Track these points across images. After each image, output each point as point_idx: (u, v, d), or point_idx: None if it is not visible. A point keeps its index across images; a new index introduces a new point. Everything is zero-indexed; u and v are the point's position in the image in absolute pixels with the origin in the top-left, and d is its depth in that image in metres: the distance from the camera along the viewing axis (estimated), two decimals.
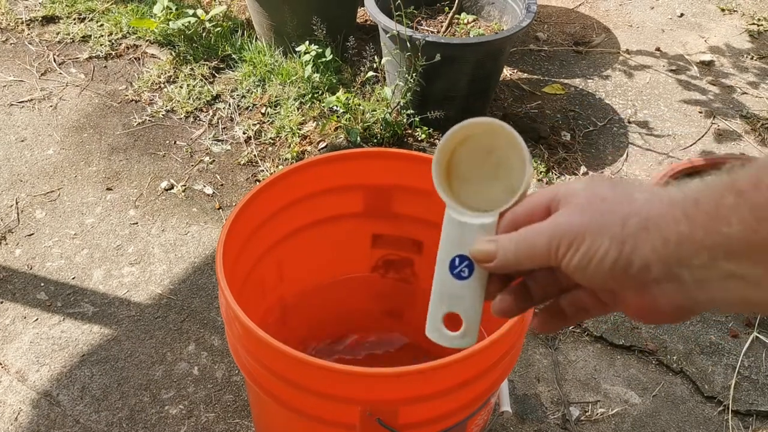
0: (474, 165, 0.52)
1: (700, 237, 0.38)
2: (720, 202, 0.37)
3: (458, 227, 0.51)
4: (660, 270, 0.40)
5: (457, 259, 0.51)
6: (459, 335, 0.53)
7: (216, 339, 1.49)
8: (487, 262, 0.49)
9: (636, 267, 0.41)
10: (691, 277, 0.39)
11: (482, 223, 0.50)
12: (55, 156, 1.93)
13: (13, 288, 1.58)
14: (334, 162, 1.06)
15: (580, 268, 0.43)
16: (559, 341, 1.51)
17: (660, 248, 0.40)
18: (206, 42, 2.26)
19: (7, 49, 2.30)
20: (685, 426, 1.37)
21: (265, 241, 1.07)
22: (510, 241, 0.47)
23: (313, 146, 1.95)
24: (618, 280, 0.42)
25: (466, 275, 0.51)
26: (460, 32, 2.05)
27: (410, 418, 0.84)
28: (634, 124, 2.13)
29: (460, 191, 0.52)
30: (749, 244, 0.36)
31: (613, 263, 0.41)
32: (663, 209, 0.40)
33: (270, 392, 0.87)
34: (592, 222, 0.42)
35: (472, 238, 0.50)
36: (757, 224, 0.36)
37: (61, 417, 1.35)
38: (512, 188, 0.51)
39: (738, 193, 0.37)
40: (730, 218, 0.37)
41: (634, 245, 0.41)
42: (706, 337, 1.53)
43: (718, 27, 2.59)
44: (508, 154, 0.51)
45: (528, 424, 1.36)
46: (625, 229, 0.41)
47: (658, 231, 0.40)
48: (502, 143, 0.51)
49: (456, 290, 0.51)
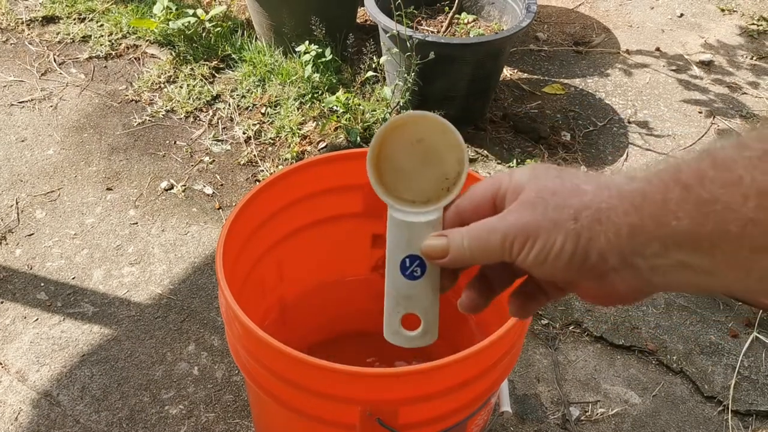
0: (403, 156, 0.51)
1: (650, 228, 0.39)
2: (666, 195, 0.38)
3: (404, 227, 0.50)
4: (616, 259, 0.41)
5: (408, 260, 0.50)
6: (419, 334, 0.53)
7: (216, 339, 1.49)
8: (439, 258, 0.49)
9: (593, 258, 0.41)
10: (646, 264, 0.40)
11: (428, 220, 0.50)
12: (55, 156, 1.93)
13: (14, 288, 1.58)
14: (334, 162, 1.06)
15: (537, 263, 0.43)
16: (559, 341, 1.51)
17: (613, 239, 0.40)
18: (206, 42, 2.26)
19: (8, 50, 2.30)
20: (685, 426, 1.37)
21: (265, 241, 1.07)
22: (462, 237, 0.47)
23: (313, 146, 1.95)
24: (576, 272, 0.43)
25: (419, 275, 0.51)
26: (460, 32, 2.05)
27: (410, 418, 0.84)
28: (634, 124, 2.13)
29: (394, 185, 0.51)
30: (698, 237, 0.37)
31: (570, 257, 0.42)
32: (612, 202, 0.41)
33: (270, 392, 0.87)
34: (544, 218, 0.43)
35: (420, 236, 0.50)
36: (704, 219, 0.37)
37: (61, 417, 1.35)
38: (445, 175, 0.50)
39: (684, 187, 0.38)
40: (678, 212, 0.38)
41: (589, 238, 0.41)
42: (706, 337, 1.53)
43: (717, 27, 2.59)
44: (436, 141, 0.50)
45: (528, 424, 1.36)
46: (579, 222, 0.41)
47: (610, 223, 0.40)
48: (429, 131, 0.50)
49: (411, 291, 0.51)
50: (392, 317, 0.52)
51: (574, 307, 1.57)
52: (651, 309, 1.58)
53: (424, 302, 0.51)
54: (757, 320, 1.55)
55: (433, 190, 0.50)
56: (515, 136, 2.06)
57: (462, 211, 0.49)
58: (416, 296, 0.51)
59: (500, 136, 2.05)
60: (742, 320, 1.56)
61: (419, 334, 0.53)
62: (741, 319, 1.56)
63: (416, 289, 0.51)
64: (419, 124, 0.50)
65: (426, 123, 0.50)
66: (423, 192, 0.50)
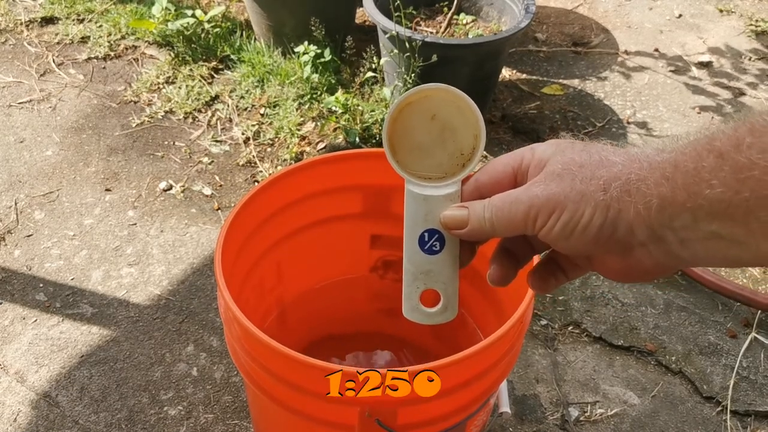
0: (419, 132, 0.50)
1: (681, 199, 0.38)
2: (699, 164, 0.37)
3: (422, 201, 0.49)
4: (644, 233, 0.40)
5: (426, 234, 0.50)
6: (439, 311, 0.52)
7: (215, 340, 1.49)
8: (459, 228, 0.48)
9: (621, 231, 0.41)
10: (675, 237, 0.39)
11: (447, 193, 0.49)
12: (54, 157, 1.93)
13: (12, 289, 1.58)
14: (333, 163, 1.06)
15: (562, 236, 0.42)
16: (558, 342, 1.51)
17: (643, 211, 0.40)
18: (205, 43, 2.26)
19: (6, 50, 2.30)
20: (684, 426, 1.37)
21: (264, 242, 1.07)
22: (483, 208, 0.46)
23: (312, 147, 1.95)
24: (602, 246, 0.42)
25: (438, 249, 0.50)
26: (459, 33, 2.05)
27: (409, 418, 0.84)
28: (633, 124, 2.13)
29: (409, 161, 0.51)
30: (731, 205, 0.36)
31: (598, 230, 0.41)
32: (642, 173, 0.40)
33: (269, 393, 0.86)
34: (572, 190, 0.42)
35: (439, 210, 0.49)
36: (740, 185, 0.36)
37: (60, 418, 1.35)
38: (460, 150, 0.49)
39: (719, 155, 0.37)
40: (711, 180, 0.37)
41: (618, 209, 0.40)
42: (705, 338, 1.53)
43: (716, 28, 2.59)
44: (451, 115, 0.49)
45: (527, 424, 1.36)
46: (608, 193, 0.41)
47: (640, 194, 0.40)
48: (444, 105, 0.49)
49: (429, 266, 0.50)
50: (411, 294, 0.51)
51: (573, 307, 1.57)
52: (650, 309, 1.58)
53: (444, 277, 0.50)
54: (755, 320, 1.55)
55: (449, 166, 0.50)
56: (514, 137, 2.07)
57: (481, 185, 0.48)
58: (435, 271, 0.50)
59: (499, 137, 2.05)
60: (740, 321, 1.56)
61: (439, 310, 0.52)
62: (739, 320, 1.57)
63: (435, 264, 0.50)
64: (433, 98, 0.49)
65: (441, 96, 0.49)
66: (439, 167, 0.50)
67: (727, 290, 1.57)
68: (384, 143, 0.50)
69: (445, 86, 0.49)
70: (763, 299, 1.54)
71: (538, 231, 0.43)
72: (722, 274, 1.64)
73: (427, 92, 0.49)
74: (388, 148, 0.51)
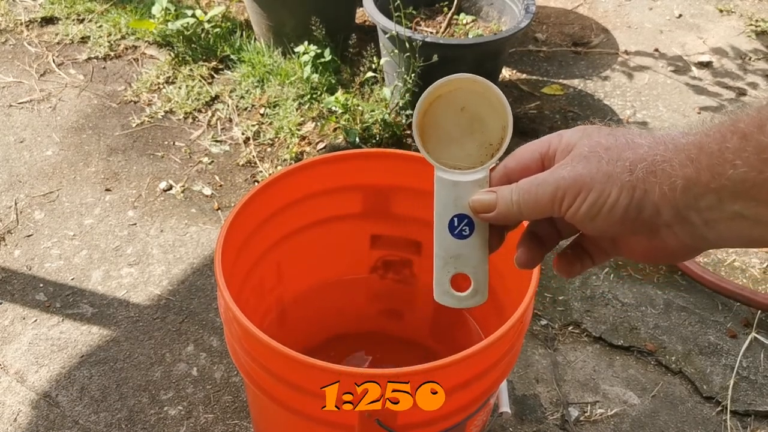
0: (448, 124, 0.52)
1: (706, 180, 0.39)
2: (723, 145, 0.38)
3: (451, 187, 0.51)
4: (669, 213, 0.41)
5: (456, 219, 0.51)
6: (469, 294, 0.53)
7: (215, 340, 1.49)
8: (487, 212, 0.49)
9: (647, 212, 0.41)
10: (700, 218, 0.40)
11: (475, 179, 0.50)
12: (54, 157, 1.93)
13: (12, 289, 1.58)
14: (333, 163, 1.06)
15: (588, 217, 0.43)
16: (558, 342, 1.51)
17: (668, 192, 0.40)
18: (205, 43, 2.26)
19: (6, 50, 2.30)
20: (684, 426, 1.37)
21: (264, 242, 1.07)
22: (511, 191, 0.47)
23: (312, 147, 1.95)
24: (628, 226, 0.42)
25: (468, 233, 0.51)
26: (459, 33, 2.05)
27: (409, 419, 0.84)
28: (633, 124, 2.13)
29: (438, 153, 0.52)
30: (755, 185, 0.37)
31: (624, 210, 0.42)
32: (668, 155, 0.40)
33: (269, 393, 0.87)
34: (599, 171, 0.42)
35: (468, 195, 0.50)
36: (763, 165, 0.36)
37: (60, 418, 1.35)
38: (489, 141, 0.51)
39: (742, 136, 0.37)
40: (735, 160, 0.37)
41: (644, 190, 0.41)
42: (705, 338, 1.53)
43: (716, 28, 2.59)
44: (480, 107, 0.51)
45: (527, 424, 1.36)
46: (634, 174, 0.41)
47: (665, 175, 0.40)
48: (473, 96, 0.50)
49: (460, 250, 0.51)
50: (442, 278, 0.52)
51: (573, 307, 1.57)
52: (650, 309, 1.58)
53: (474, 261, 0.51)
54: (755, 320, 1.55)
55: (478, 156, 0.51)
56: (514, 137, 2.06)
57: (509, 171, 0.49)
58: (465, 255, 0.51)
59: None
60: (740, 321, 1.56)
61: (470, 294, 0.53)
62: (739, 320, 1.57)
63: (465, 248, 0.51)
64: (462, 90, 0.50)
65: (469, 87, 0.50)
66: (468, 157, 0.51)
67: (727, 290, 1.57)
68: (414, 134, 0.52)
69: (473, 77, 0.50)
70: (763, 299, 1.54)
71: (565, 212, 0.44)
72: (722, 274, 1.65)
73: (456, 83, 0.50)
74: (419, 137, 0.52)
